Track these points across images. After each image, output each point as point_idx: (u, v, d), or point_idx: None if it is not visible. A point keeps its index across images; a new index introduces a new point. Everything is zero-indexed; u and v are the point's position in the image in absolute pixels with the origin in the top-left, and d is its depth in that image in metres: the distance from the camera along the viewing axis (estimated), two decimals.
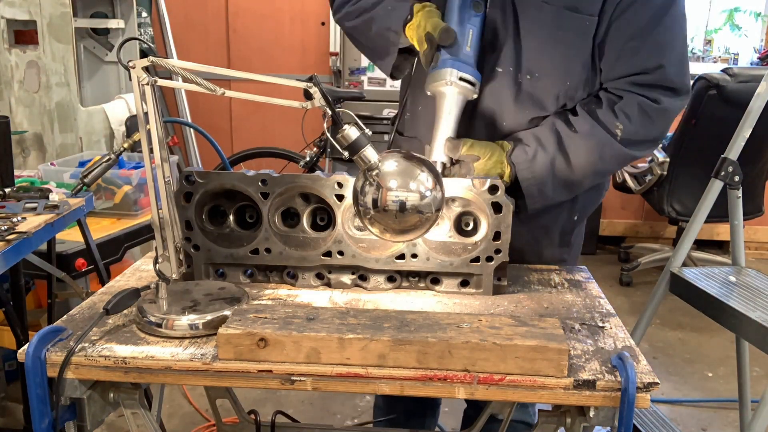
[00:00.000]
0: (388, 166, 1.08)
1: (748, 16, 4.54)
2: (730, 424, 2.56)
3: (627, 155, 1.31)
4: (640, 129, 1.28)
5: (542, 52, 1.30)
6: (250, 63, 4.42)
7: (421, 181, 1.07)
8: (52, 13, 2.89)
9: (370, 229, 1.11)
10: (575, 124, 1.30)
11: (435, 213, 1.09)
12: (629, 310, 3.51)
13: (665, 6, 1.25)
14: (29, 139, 2.99)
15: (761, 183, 3.62)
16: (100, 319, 1.05)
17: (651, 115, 1.27)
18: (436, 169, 1.12)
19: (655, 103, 1.27)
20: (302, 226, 1.26)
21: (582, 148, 1.29)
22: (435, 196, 1.08)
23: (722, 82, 3.21)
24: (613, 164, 1.35)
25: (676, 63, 1.27)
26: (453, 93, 1.26)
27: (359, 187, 1.09)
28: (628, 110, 1.27)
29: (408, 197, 1.06)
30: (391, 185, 1.06)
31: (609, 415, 0.97)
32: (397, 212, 1.07)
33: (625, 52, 1.27)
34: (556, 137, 1.30)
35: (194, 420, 2.48)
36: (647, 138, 1.31)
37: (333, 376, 0.97)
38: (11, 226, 1.50)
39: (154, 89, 1.03)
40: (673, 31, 1.27)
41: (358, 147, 1.07)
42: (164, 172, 1.07)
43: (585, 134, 1.29)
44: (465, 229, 1.25)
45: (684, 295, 1.95)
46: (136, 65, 1.01)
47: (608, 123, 1.28)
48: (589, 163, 1.30)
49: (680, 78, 1.28)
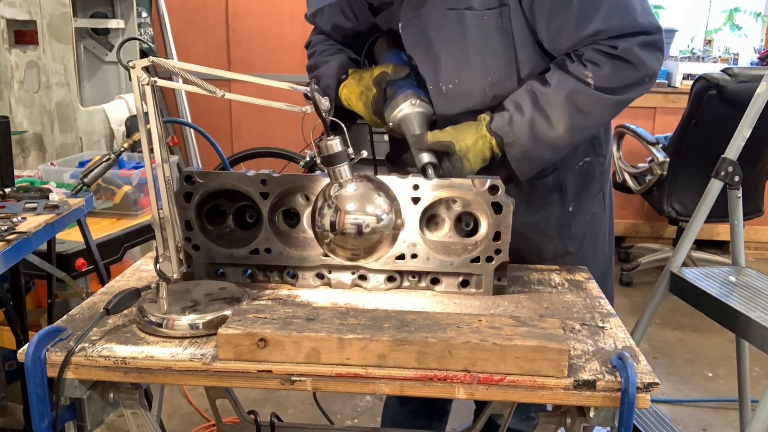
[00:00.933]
0: (349, 189, 1.12)
1: (748, 16, 4.54)
2: (730, 424, 2.56)
3: (608, 100, 1.25)
4: (613, 72, 1.23)
5: (456, 59, 1.32)
6: (250, 63, 4.42)
7: (378, 204, 1.13)
8: (52, 13, 2.89)
9: (327, 250, 1.18)
10: (548, 78, 1.28)
11: (392, 232, 1.16)
12: (629, 310, 3.51)
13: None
14: (29, 139, 2.99)
15: (761, 183, 3.62)
16: (101, 319, 1.05)
17: (619, 58, 1.23)
18: (393, 194, 1.18)
19: (615, 48, 1.22)
20: (302, 226, 1.26)
21: (556, 101, 1.26)
22: (391, 218, 1.14)
23: (722, 82, 3.21)
24: (594, 112, 1.27)
25: (614, 13, 1.21)
26: (417, 113, 1.32)
27: (317, 207, 1.15)
28: (594, 59, 1.23)
29: (365, 220, 1.12)
30: (349, 209, 1.12)
31: (609, 415, 0.97)
32: (355, 235, 1.12)
33: (554, 29, 1.26)
34: (531, 96, 1.28)
35: (194, 420, 2.48)
36: (626, 81, 1.25)
37: (333, 376, 0.97)
38: (11, 226, 1.50)
39: (154, 89, 1.04)
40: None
41: (336, 161, 1.11)
42: (164, 171, 1.07)
43: (557, 86, 1.26)
44: (465, 229, 1.25)
45: (684, 295, 1.95)
46: (136, 65, 1.02)
47: (578, 73, 1.24)
48: (567, 114, 1.25)
49: (627, 22, 1.21)
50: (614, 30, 1.21)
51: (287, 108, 1.09)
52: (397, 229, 1.18)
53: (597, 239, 1.52)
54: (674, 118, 3.64)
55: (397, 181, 1.20)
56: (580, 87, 1.24)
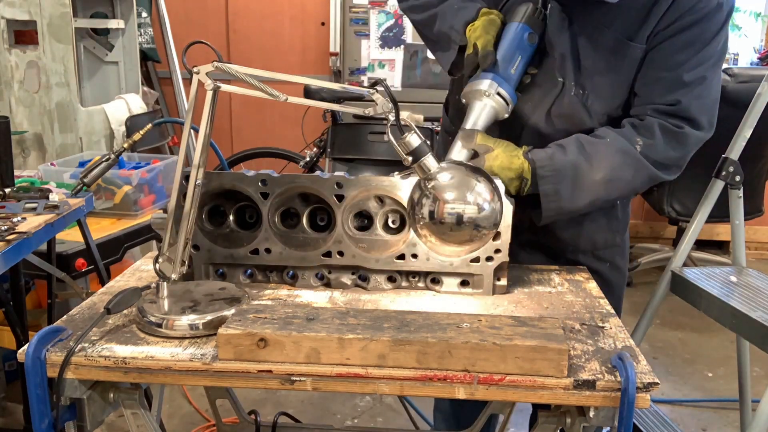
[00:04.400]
0: (444, 177, 1.10)
1: (748, 16, 4.53)
2: (730, 424, 2.56)
3: (647, 171, 1.29)
4: (661, 147, 1.27)
5: (598, 73, 1.31)
6: (250, 63, 4.39)
7: (478, 192, 1.10)
8: (52, 13, 2.89)
9: (428, 239, 1.16)
10: (598, 133, 1.30)
11: (492, 227, 1.13)
12: (629, 310, 3.48)
13: (701, 45, 1.26)
14: (29, 139, 2.99)
15: (761, 183, 3.62)
16: (101, 319, 1.05)
17: (672, 135, 1.27)
18: (494, 182, 1.14)
19: (677, 128, 1.28)
20: (302, 226, 1.26)
21: (602, 151, 1.27)
22: (493, 208, 1.12)
23: (722, 83, 3.20)
24: (633, 176, 1.30)
25: (697, 100, 1.28)
26: (487, 104, 1.27)
27: (416, 198, 1.11)
28: (649, 129, 1.28)
29: (465, 210, 1.10)
30: (448, 197, 1.10)
31: (609, 415, 0.97)
32: (453, 225, 1.11)
33: (651, 81, 1.29)
34: (577, 143, 1.29)
35: (194, 420, 2.48)
36: (667, 159, 1.29)
37: (333, 376, 0.97)
38: (11, 226, 1.50)
39: (215, 94, 1.05)
40: (701, 71, 1.27)
41: (419, 154, 1.09)
42: (198, 175, 1.10)
43: (606, 142, 1.28)
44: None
45: (685, 295, 1.95)
46: (200, 70, 1.03)
47: (630, 136, 1.28)
48: (609, 166, 1.27)
49: (699, 114, 1.28)
50: (687, 111, 1.27)
51: (351, 111, 1.11)
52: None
53: (628, 233, 1.56)
54: None
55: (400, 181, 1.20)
56: (629, 148, 1.27)
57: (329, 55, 4.39)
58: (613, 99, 1.33)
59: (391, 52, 4.11)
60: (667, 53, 1.27)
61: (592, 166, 1.27)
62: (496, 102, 1.26)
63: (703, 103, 1.29)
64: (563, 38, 1.30)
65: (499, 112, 1.27)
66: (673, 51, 1.27)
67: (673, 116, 1.28)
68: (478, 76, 1.28)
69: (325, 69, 4.42)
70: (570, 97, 1.32)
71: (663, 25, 1.26)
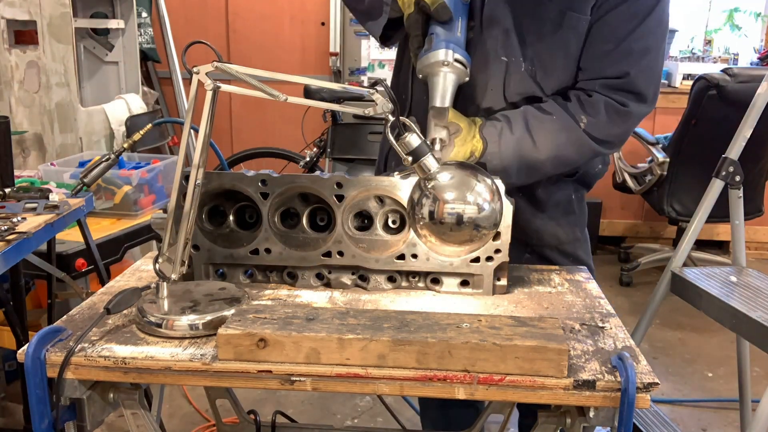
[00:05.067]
0: (444, 177, 1.10)
1: (748, 16, 4.54)
2: (730, 424, 2.56)
3: (590, 147, 1.33)
4: (604, 126, 1.31)
5: (545, 48, 1.32)
6: (250, 63, 4.40)
7: (478, 192, 1.10)
8: (52, 13, 2.89)
9: (428, 239, 1.15)
10: (545, 108, 1.33)
11: (492, 228, 1.13)
12: (629, 310, 3.51)
13: (643, 15, 1.27)
14: (29, 139, 2.99)
15: (761, 183, 3.62)
16: (101, 319, 1.05)
17: (616, 114, 1.31)
18: (495, 183, 1.15)
19: (622, 106, 1.31)
20: (302, 226, 1.26)
21: (547, 128, 1.31)
22: (493, 208, 1.12)
23: (722, 82, 3.21)
24: (576, 152, 1.35)
25: (645, 71, 1.30)
26: (448, 74, 1.24)
27: (416, 198, 1.11)
28: (594, 107, 1.31)
29: (465, 210, 1.10)
30: (448, 197, 1.09)
31: (609, 415, 0.97)
32: (453, 225, 1.10)
33: (598, 54, 1.31)
34: (523, 117, 1.32)
35: (194, 420, 2.48)
36: (609, 136, 1.34)
37: (333, 376, 0.97)
38: (11, 226, 1.50)
39: (215, 94, 1.05)
40: (647, 41, 1.29)
41: (419, 154, 1.09)
42: (198, 175, 1.10)
43: (551, 118, 1.31)
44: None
45: (685, 295, 1.95)
46: (200, 70, 1.03)
47: (575, 113, 1.31)
48: (553, 144, 1.32)
49: (646, 86, 1.31)
50: (635, 84, 1.30)
51: (351, 111, 1.10)
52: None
53: (587, 230, 1.59)
54: (674, 118, 3.64)
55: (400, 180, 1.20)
56: (572, 125, 1.31)
57: (329, 55, 4.40)
58: (564, 73, 1.34)
59: (391, 52, 4.10)
60: (613, 25, 1.28)
61: (537, 146, 1.31)
62: (455, 69, 1.24)
63: (650, 75, 1.31)
64: (505, 13, 1.30)
65: (461, 77, 1.25)
66: (618, 22, 1.28)
67: (621, 90, 1.30)
68: (429, 47, 1.24)
69: (325, 69, 4.43)
70: (521, 73, 1.33)
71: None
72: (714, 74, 3.26)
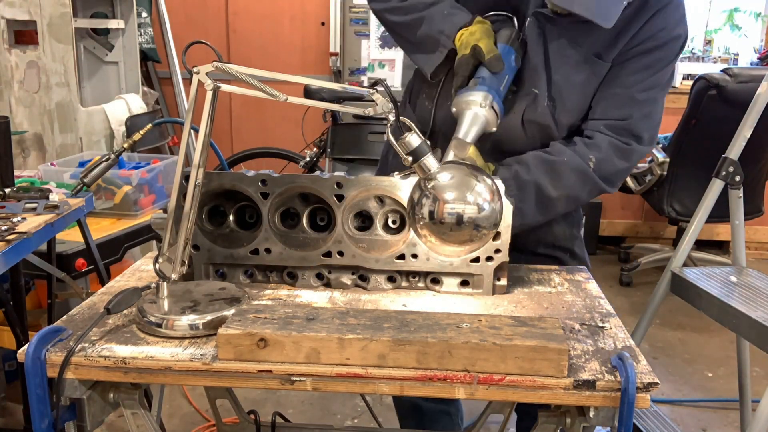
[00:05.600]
0: (444, 177, 1.10)
1: (748, 16, 4.53)
2: (730, 424, 2.56)
3: (598, 185, 1.40)
4: (611, 162, 1.38)
5: (567, 88, 1.37)
6: (250, 63, 4.40)
7: (478, 192, 1.10)
8: (52, 13, 2.89)
9: (428, 239, 1.15)
10: (554, 151, 1.38)
11: (492, 228, 1.14)
12: (629, 310, 3.51)
13: (657, 69, 1.37)
14: (29, 139, 2.99)
15: (761, 183, 3.62)
16: (101, 319, 1.05)
17: (619, 151, 1.38)
18: (496, 182, 1.16)
19: (625, 145, 1.38)
20: (302, 226, 1.26)
21: (562, 171, 1.36)
22: (493, 208, 1.12)
23: (722, 82, 3.21)
24: (585, 191, 1.40)
25: (646, 118, 1.38)
26: (480, 115, 1.26)
27: (416, 198, 1.11)
28: (598, 146, 1.38)
29: (465, 210, 1.10)
30: (448, 197, 1.10)
31: (609, 415, 0.97)
32: (453, 225, 1.11)
33: (606, 95, 1.39)
34: (538, 162, 1.37)
35: (194, 420, 2.48)
36: (615, 174, 1.40)
37: (333, 376, 0.97)
38: (11, 226, 1.50)
39: (215, 94, 1.05)
40: (654, 93, 1.38)
41: (419, 154, 1.10)
42: (198, 175, 1.10)
43: (564, 161, 1.37)
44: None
45: (685, 296, 1.95)
46: (200, 70, 1.03)
47: (583, 154, 1.37)
48: (569, 186, 1.37)
49: (644, 131, 1.39)
50: (635, 127, 1.38)
51: (351, 111, 1.11)
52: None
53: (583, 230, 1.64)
54: (674, 118, 3.64)
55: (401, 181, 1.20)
56: (584, 166, 1.37)
57: (329, 55, 4.40)
58: (578, 112, 1.41)
59: (391, 52, 4.11)
60: (627, 72, 1.37)
61: (553, 186, 1.36)
62: (488, 114, 1.27)
63: (650, 122, 1.40)
64: (537, 51, 1.35)
65: (489, 124, 1.29)
66: (632, 71, 1.36)
67: (623, 131, 1.37)
68: (472, 87, 1.28)
69: (325, 69, 4.42)
70: (543, 107, 1.38)
71: (629, 47, 1.35)
72: (714, 74, 3.26)
